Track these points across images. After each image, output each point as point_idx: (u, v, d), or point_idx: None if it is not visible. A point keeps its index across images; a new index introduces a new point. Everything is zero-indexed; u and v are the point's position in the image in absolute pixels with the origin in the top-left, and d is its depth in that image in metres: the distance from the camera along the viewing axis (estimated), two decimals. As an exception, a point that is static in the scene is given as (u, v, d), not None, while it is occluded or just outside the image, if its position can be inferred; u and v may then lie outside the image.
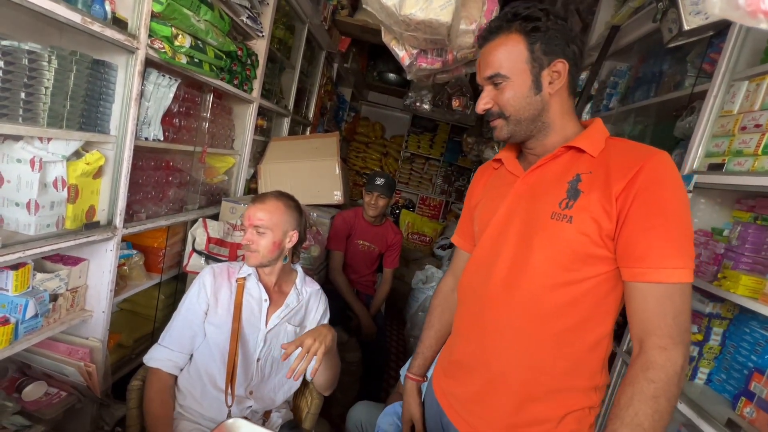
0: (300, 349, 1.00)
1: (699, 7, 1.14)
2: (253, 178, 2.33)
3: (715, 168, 1.17)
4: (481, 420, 0.82)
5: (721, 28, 1.24)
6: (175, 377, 1.16)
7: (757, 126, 1.07)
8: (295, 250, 1.26)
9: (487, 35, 0.80)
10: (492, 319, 0.81)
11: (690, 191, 1.19)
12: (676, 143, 1.54)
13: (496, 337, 0.80)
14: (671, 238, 0.66)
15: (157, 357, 1.13)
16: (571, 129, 0.81)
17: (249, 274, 1.20)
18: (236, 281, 1.19)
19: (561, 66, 0.77)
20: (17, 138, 1.03)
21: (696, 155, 1.25)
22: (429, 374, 1.07)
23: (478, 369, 0.83)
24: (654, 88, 1.73)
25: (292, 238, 1.20)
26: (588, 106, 2.13)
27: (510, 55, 0.76)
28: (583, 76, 2.21)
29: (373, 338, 2.17)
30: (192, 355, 1.18)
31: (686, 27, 1.17)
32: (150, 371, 1.13)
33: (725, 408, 1.09)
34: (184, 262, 1.70)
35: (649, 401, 0.64)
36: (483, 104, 0.81)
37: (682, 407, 1.08)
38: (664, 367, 0.64)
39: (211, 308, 1.16)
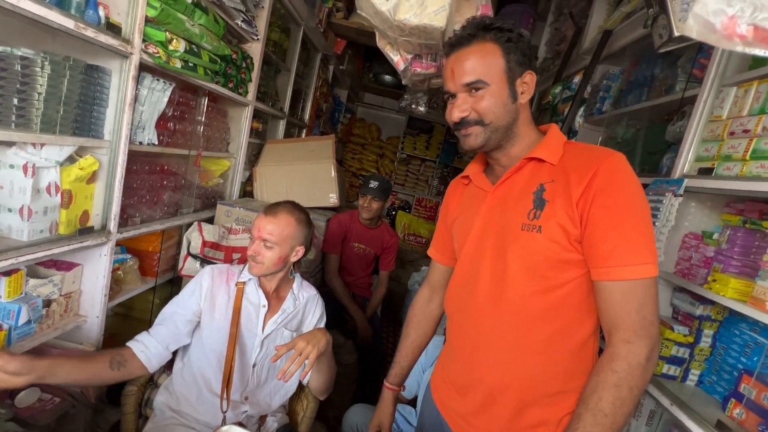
0: (293, 351, 1.00)
1: (688, 14, 1.16)
2: (249, 181, 2.33)
3: (705, 172, 1.19)
4: (482, 431, 0.84)
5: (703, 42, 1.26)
6: (143, 364, 1.09)
7: (746, 131, 1.08)
8: (298, 261, 1.26)
9: (460, 41, 0.79)
10: (481, 333, 0.83)
11: (681, 195, 1.21)
12: (667, 147, 1.56)
13: (488, 350, 0.82)
14: (629, 237, 0.69)
15: (136, 338, 1.12)
16: (531, 138, 0.83)
17: (249, 279, 1.20)
18: (236, 285, 1.19)
19: (530, 78, 0.79)
20: (10, 144, 1.03)
21: (686, 159, 1.27)
22: (426, 379, 1.08)
23: (474, 384, 0.85)
24: (646, 92, 1.75)
25: (298, 253, 1.20)
26: (581, 109, 2.14)
27: (489, 63, 0.77)
28: (577, 79, 2.23)
29: (369, 341, 2.17)
30: (181, 356, 1.18)
31: (676, 33, 1.18)
32: None
33: (715, 409, 1.10)
34: (179, 266, 1.69)
35: (612, 389, 0.68)
36: (460, 112, 0.79)
37: (673, 408, 1.09)
38: (627, 359, 0.68)
39: (206, 311, 1.16)
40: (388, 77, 4.59)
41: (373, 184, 2.14)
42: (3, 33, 1.01)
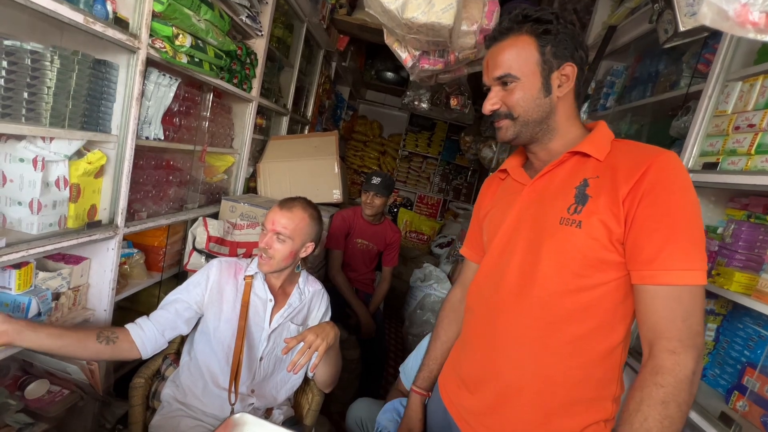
0: (302, 343, 1.01)
1: (694, 8, 1.16)
2: (253, 177, 2.34)
3: (710, 167, 1.19)
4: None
5: (716, 29, 1.26)
6: (135, 347, 1.07)
7: (751, 126, 1.09)
8: (305, 258, 1.26)
9: (496, 36, 0.79)
10: (502, 327, 0.79)
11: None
12: (671, 142, 1.56)
13: (507, 346, 0.79)
14: (678, 240, 0.64)
15: (135, 321, 1.11)
16: (575, 133, 0.80)
17: (256, 272, 1.21)
18: (244, 279, 1.20)
19: (570, 69, 0.77)
20: (20, 137, 1.04)
21: (691, 154, 1.27)
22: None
23: (488, 380, 0.81)
24: (650, 88, 1.75)
25: (308, 249, 1.21)
26: (585, 105, 2.15)
27: (520, 56, 0.76)
28: (580, 75, 2.22)
29: (372, 336, 2.19)
30: (188, 350, 1.19)
31: (682, 28, 1.19)
32: None
33: (719, 402, 1.11)
34: (185, 261, 1.70)
35: (658, 406, 0.62)
36: (490, 105, 0.80)
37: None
38: (673, 371, 0.63)
39: (212, 304, 1.17)
40: (390, 74, 4.59)
41: (376, 180, 2.15)
42: (12, 27, 1.02)
